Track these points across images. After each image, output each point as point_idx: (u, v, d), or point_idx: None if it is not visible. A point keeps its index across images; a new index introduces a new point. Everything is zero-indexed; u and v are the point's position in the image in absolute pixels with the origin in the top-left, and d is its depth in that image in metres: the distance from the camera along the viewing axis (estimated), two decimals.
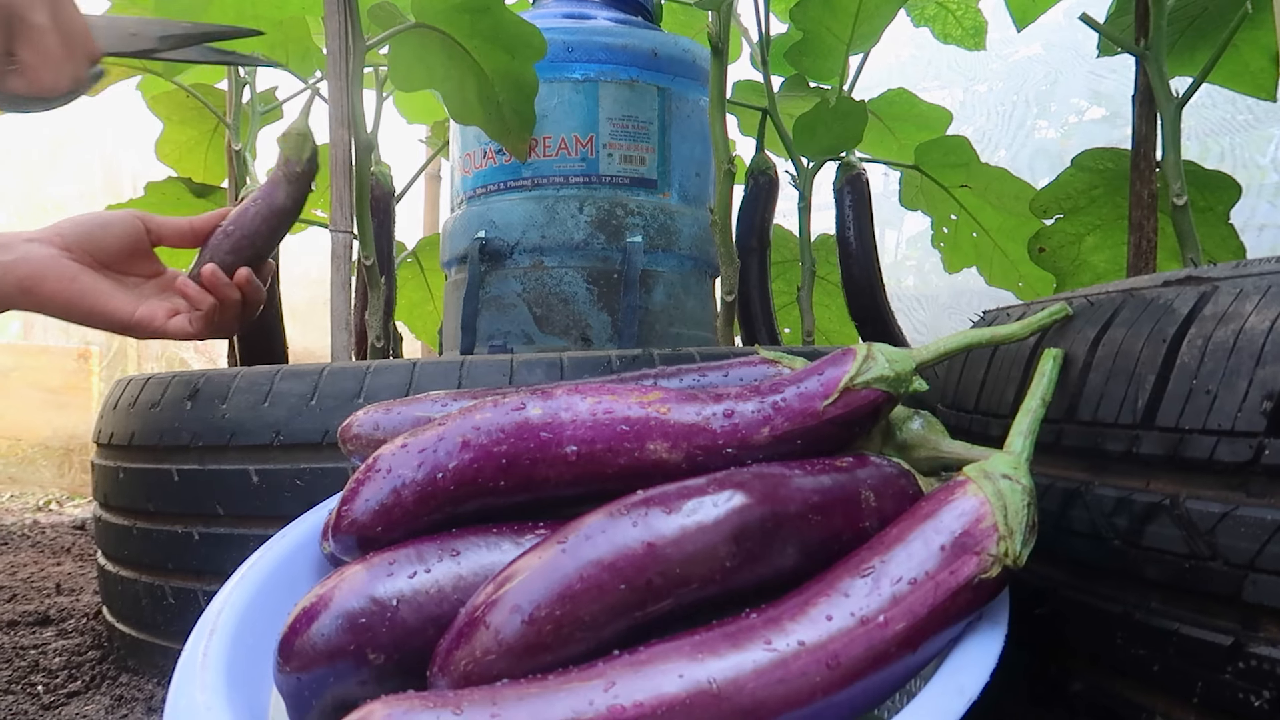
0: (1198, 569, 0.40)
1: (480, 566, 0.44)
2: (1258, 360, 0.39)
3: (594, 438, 0.46)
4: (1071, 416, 0.48)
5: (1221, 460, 0.40)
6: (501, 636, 0.38)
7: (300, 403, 0.82)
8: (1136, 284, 0.49)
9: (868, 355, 0.49)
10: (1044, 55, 2.11)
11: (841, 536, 0.45)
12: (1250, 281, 0.42)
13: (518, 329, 1.17)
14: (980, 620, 0.43)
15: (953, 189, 1.42)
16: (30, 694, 0.89)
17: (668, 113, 1.21)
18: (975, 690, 0.39)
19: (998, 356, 0.57)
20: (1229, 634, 0.39)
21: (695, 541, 0.41)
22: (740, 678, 0.37)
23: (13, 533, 1.86)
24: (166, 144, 1.52)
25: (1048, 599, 0.49)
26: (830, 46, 1.30)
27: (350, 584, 0.42)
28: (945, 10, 1.49)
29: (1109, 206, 1.13)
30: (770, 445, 0.47)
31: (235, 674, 0.45)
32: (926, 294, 2.26)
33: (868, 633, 0.39)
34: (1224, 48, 0.94)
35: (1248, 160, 1.84)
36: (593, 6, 1.26)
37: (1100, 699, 0.46)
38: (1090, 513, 0.46)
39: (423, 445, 0.46)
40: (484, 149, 1.21)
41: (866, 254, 1.36)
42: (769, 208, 1.39)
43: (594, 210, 1.17)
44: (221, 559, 0.85)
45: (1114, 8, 1.10)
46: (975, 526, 0.42)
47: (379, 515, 0.45)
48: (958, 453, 0.51)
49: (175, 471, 0.87)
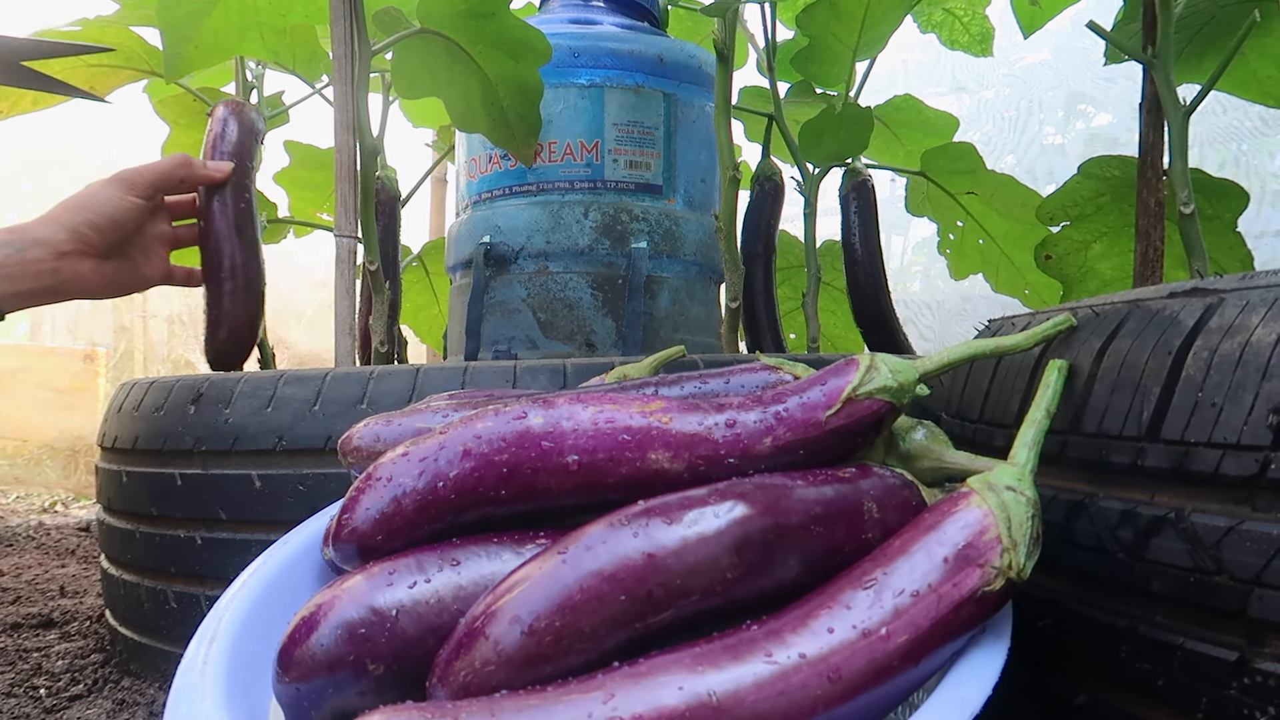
0: (1203, 583, 0.40)
1: (480, 576, 0.43)
2: (1264, 374, 0.39)
3: (595, 447, 0.46)
4: (1076, 428, 0.48)
5: (1227, 474, 0.39)
6: (501, 647, 0.38)
7: (303, 408, 0.82)
8: (1142, 295, 0.48)
9: (871, 365, 0.49)
10: (1051, 62, 2.11)
11: (844, 548, 0.45)
12: (1256, 294, 0.41)
13: (522, 334, 1.17)
14: (983, 633, 0.43)
15: (959, 195, 1.42)
16: (32, 697, 0.89)
17: (673, 118, 1.21)
18: (978, 704, 0.39)
19: (1002, 367, 0.57)
20: (1234, 649, 0.39)
21: (696, 553, 0.41)
22: (741, 690, 0.37)
23: (18, 534, 1.86)
24: (173, 147, 1.52)
25: (1051, 612, 0.49)
26: (836, 52, 1.30)
27: (350, 594, 0.42)
28: (952, 16, 1.49)
29: (1116, 214, 1.12)
30: (772, 456, 0.47)
31: (235, 681, 0.45)
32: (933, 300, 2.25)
33: (870, 645, 0.39)
34: (1232, 55, 0.93)
35: (1256, 168, 1.84)
36: (599, 12, 1.26)
37: (1104, 713, 0.46)
38: (1095, 525, 0.46)
39: (424, 454, 0.46)
40: (489, 154, 1.21)
41: (872, 260, 1.36)
42: (774, 214, 1.39)
43: (599, 216, 1.17)
44: (224, 564, 0.85)
45: (1121, 15, 1.10)
46: (979, 539, 0.42)
47: (379, 524, 0.45)
48: (961, 464, 0.51)
49: (178, 476, 0.87)
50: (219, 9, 1.16)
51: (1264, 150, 1.84)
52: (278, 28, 1.23)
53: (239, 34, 1.19)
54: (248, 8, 1.19)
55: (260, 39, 1.21)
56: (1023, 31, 1.34)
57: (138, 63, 1.32)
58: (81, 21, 1.27)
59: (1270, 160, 1.83)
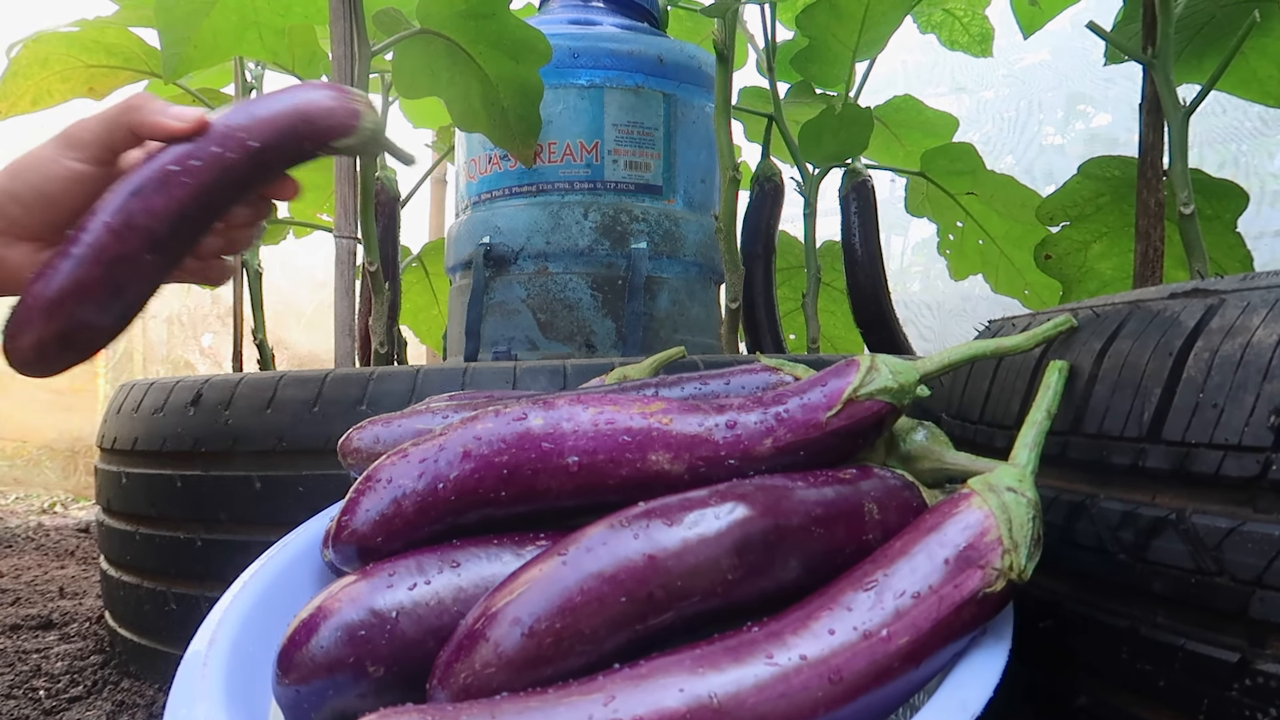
0: (1204, 584, 0.40)
1: (481, 578, 0.43)
2: (1265, 374, 0.39)
3: (596, 448, 0.46)
4: (1077, 429, 0.48)
5: (1228, 475, 0.39)
6: (501, 649, 0.38)
7: (303, 409, 0.81)
8: (1143, 296, 0.48)
9: (871, 366, 0.49)
10: (1051, 62, 2.11)
11: (844, 549, 0.45)
12: (1257, 295, 0.41)
13: (522, 335, 1.17)
14: (984, 635, 0.42)
15: (959, 196, 1.42)
16: (32, 699, 0.89)
17: (673, 119, 1.21)
18: (979, 705, 0.39)
19: (1003, 368, 0.57)
20: (1235, 650, 0.39)
21: (697, 554, 0.41)
22: (741, 692, 0.37)
23: (17, 535, 1.86)
24: None
25: (1052, 613, 0.49)
26: (836, 53, 1.29)
27: (350, 596, 0.42)
28: (952, 17, 1.49)
29: (1116, 214, 1.12)
30: (773, 457, 0.47)
31: (235, 683, 0.45)
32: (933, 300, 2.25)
33: (870, 647, 0.39)
34: (1232, 55, 0.93)
35: (1256, 168, 1.84)
36: (599, 13, 1.26)
37: (1105, 714, 0.46)
38: (1096, 526, 0.46)
39: (423, 455, 0.46)
40: (489, 154, 1.21)
41: (872, 260, 1.36)
42: (774, 214, 1.39)
43: (599, 216, 1.16)
44: (224, 565, 0.84)
45: (1121, 15, 1.10)
46: (980, 540, 0.42)
47: (379, 526, 0.45)
48: (962, 465, 0.51)
49: (178, 477, 0.87)
50: (217, 9, 1.15)
51: (1264, 150, 1.84)
52: (277, 28, 1.23)
53: (238, 34, 1.19)
54: (246, 8, 1.19)
55: (259, 39, 1.21)
56: (1022, 32, 1.34)
57: (137, 63, 1.32)
58: (80, 22, 1.27)
59: (1270, 160, 1.83)
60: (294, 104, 0.65)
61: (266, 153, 0.64)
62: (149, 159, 0.63)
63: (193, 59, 1.18)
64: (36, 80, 1.31)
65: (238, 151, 0.63)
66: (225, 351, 2.83)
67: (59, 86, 1.32)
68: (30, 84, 1.31)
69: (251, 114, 0.64)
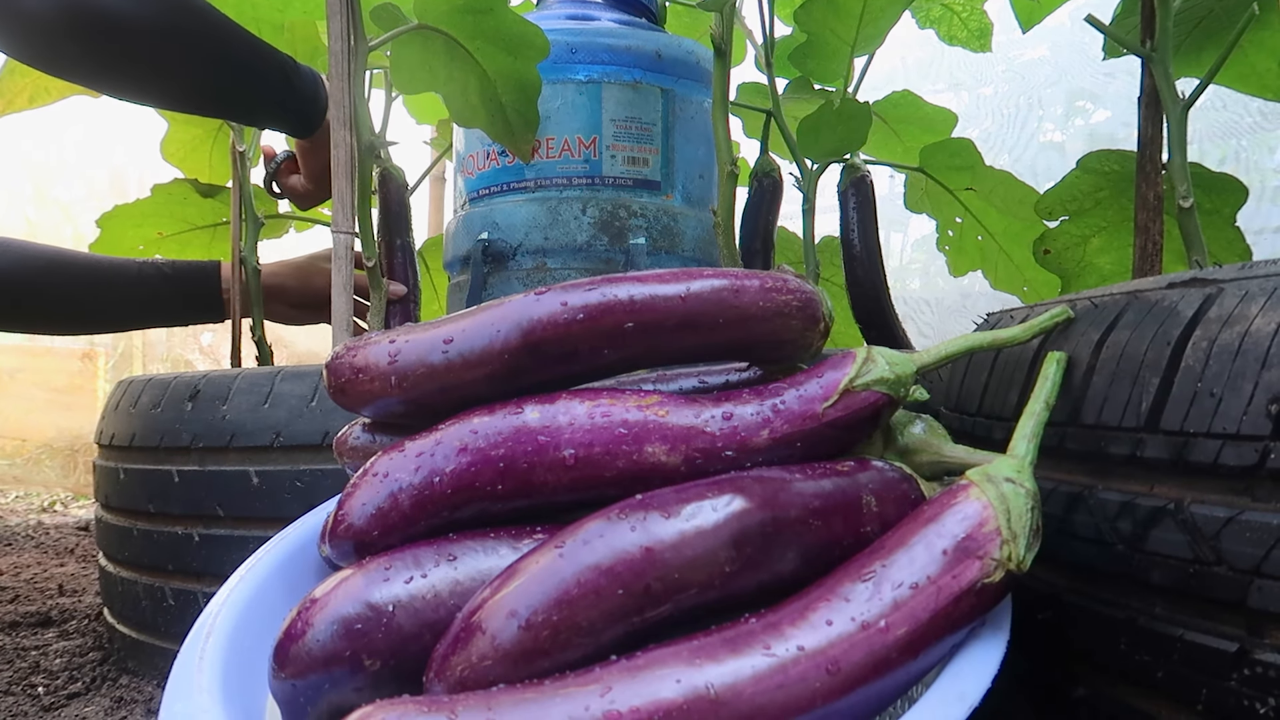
0: (1202, 574, 0.40)
1: (477, 571, 0.43)
2: (1263, 363, 0.39)
3: (592, 441, 0.46)
4: (1075, 420, 0.48)
5: (1226, 464, 0.39)
6: (498, 642, 0.38)
7: (300, 404, 0.81)
8: (1141, 286, 0.48)
9: (868, 358, 0.49)
10: (1050, 57, 2.10)
11: (842, 541, 0.45)
12: (1256, 283, 0.41)
13: None
14: (983, 626, 0.42)
15: (958, 192, 1.41)
16: (30, 695, 0.89)
17: (671, 114, 1.20)
18: (977, 696, 0.39)
19: (1001, 359, 0.57)
20: (1234, 640, 0.38)
21: (694, 546, 0.41)
22: (739, 684, 0.36)
23: (17, 533, 1.86)
24: (171, 143, 1.52)
25: (1051, 604, 0.49)
26: (834, 48, 1.29)
27: (346, 590, 0.42)
28: (950, 12, 1.49)
29: (1115, 209, 1.12)
30: (770, 448, 0.47)
31: (231, 678, 0.45)
32: (932, 297, 2.25)
33: (868, 638, 0.39)
34: (1231, 49, 0.93)
35: (1256, 163, 1.83)
36: (596, 8, 1.26)
37: (1103, 705, 0.46)
38: (1094, 517, 0.46)
39: (420, 450, 0.46)
40: (487, 150, 1.21)
41: (871, 256, 1.35)
42: (773, 210, 1.38)
43: (597, 212, 1.16)
44: (221, 560, 0.84)
45: (1120, 9, 1.09)
46: (978, 531, 0.42)
47: (376, 520, 0.45)
48: (960, 457, 0.50)
49: (175, 473, 0.87)
50: (216, 5, 1.15)
51: (1263, 146, 1.83)
52: (276, 23, 1.22)
53: None
54: (244, 3, 1.18)
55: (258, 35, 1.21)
56: (1021, 27, 1.34)
57: None
58: None
59: (1270, 156, 1.83)
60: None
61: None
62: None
63: None
64: (34, 77, 1.31)
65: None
66: (225, 350, 2.83)
67: (56, 84, 1.31)
68: (28, 81, 1.31)
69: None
